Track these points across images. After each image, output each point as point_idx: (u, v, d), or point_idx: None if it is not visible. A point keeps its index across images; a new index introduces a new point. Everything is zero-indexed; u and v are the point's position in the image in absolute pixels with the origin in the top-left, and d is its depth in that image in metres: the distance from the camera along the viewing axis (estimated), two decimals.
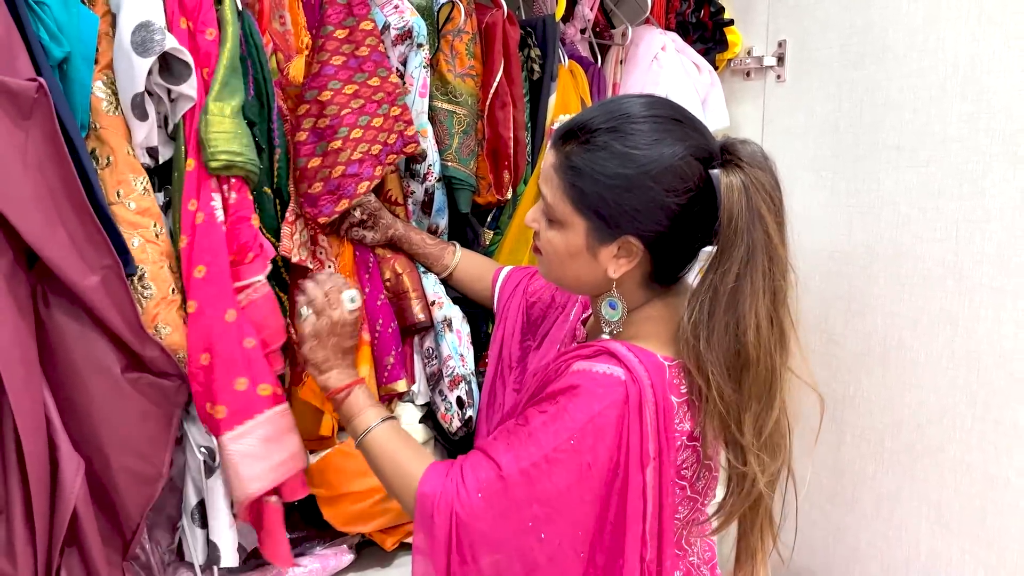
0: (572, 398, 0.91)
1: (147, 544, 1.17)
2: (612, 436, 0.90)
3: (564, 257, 0.98)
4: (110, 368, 1.05)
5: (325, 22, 1.21)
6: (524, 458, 0.90)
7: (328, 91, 1.19)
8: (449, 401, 1.32)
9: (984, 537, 1.25)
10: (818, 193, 1.52)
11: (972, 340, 1.26)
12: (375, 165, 1.22)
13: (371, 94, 1.21)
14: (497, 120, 1.39)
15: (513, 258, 1.49)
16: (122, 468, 1.08)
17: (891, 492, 1.40)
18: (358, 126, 1.20)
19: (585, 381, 0.91)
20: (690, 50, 1.69)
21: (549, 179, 0.96)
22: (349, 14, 1.21)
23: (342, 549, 1.39)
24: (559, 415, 0.91)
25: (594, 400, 0.90)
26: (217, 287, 1.09)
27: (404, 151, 1.24)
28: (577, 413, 0.90)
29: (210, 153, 1.08)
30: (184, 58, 1.07)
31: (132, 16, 1.04)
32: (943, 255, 1.29)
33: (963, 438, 1.27)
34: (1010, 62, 1.19)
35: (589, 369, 0.92)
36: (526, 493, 0.89)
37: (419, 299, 1.33)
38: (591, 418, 0.90)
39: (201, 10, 1.12)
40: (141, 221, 1.08)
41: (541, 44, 1.50)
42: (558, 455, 0.89)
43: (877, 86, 1.39)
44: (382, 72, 1.21)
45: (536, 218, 1.01)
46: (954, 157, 1.27)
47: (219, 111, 1.09)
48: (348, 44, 1.21)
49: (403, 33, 1.25)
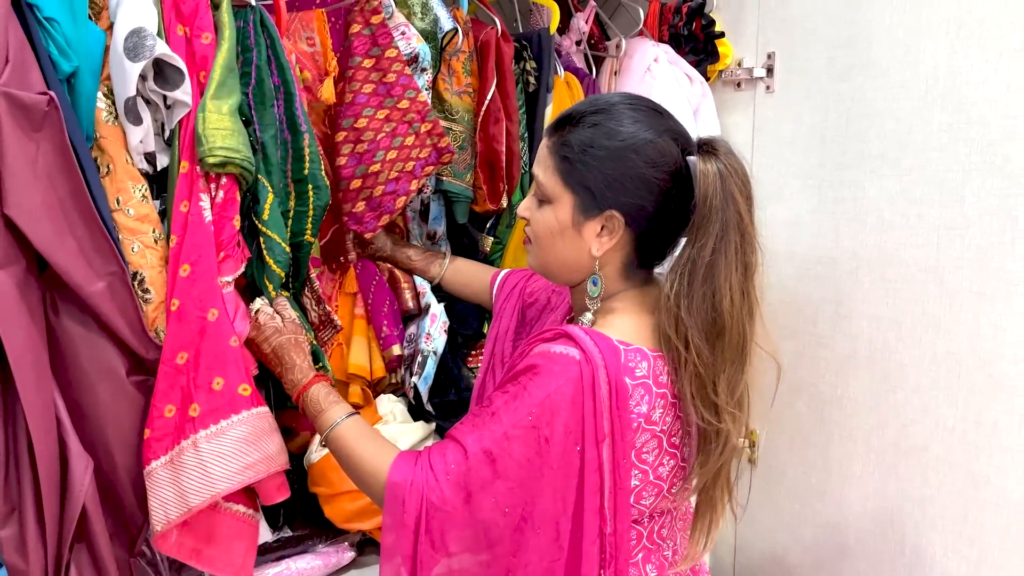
0: (532, 377, 0.97)
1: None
2: (568, 412, 0.95)
3: (553, 236, 1.05)
4: (116, 371, 1.08)
5: (353, 53, 1.29)
6: (486, 437, 0.95)
7: (363, 118, 1.30)
8: (409, 372, 1.40)
9: (966, 533, 1.29)
10: (806, 200, 1.56)
11: (953, 342, 1.29)
12: (411, 180, 1.34)
13: (401, 116, 1.31)
14: (491, 134, 1.44)
15: (516, 264, 1.54)
16: (127, 467, 1.11)
17: (877, 490, 1.43)
18: (392, 148, 1.31)
19: (544, 361, 0.97)
20: (682, 62, 1.73)
21: (542, 161, 1.05)
22: (374, 44, 1.30)
23: (343, 547, 1.42)
24: (519, 394, 0.96)
25: (551, 378, 0.96)
26: (201, 286, 1.10)
27: (441, 161, 1.35)
28: (535, 391, 0.96)
29: (208, 149, 1.10)
30: (176, 64, 1.10)
31: (126, 23, 1.07)
32: (925, 260, 1.33)
33: (945, 438, 1.31)
34: (987, 74, 1.23)
35: (548, 350, 0.98)
36: (490, 470, 0.94)
37: (410, 290, 1.43)
38: (548, 395, 0.95)
39: (197, 15, 1.15)
40: (140, 227, 1.11)
41: (536, 57, 1.54)
42: (516, 431, 0.94)
43: (862, 97, 1.43)
44: (410, 94, 1.31)
45: (527, 206, 1.08)
46: (935, 166, 1.31)
47: (216, 109, 1.11)
48: (376, 72, 1.30)
49: (410, 58, 1.32)
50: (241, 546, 1.17)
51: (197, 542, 1.13)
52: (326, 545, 1.41)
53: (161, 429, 1.08)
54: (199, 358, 1.09)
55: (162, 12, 1.15)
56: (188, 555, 1.13)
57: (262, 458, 1.12)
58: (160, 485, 1.08)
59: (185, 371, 1.09)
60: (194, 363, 1.09)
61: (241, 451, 1.10)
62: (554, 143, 1.04)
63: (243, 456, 1.10)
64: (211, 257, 1.11)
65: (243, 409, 1.10)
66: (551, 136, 1.05)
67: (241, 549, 1.17)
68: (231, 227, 1.14)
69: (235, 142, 1.12)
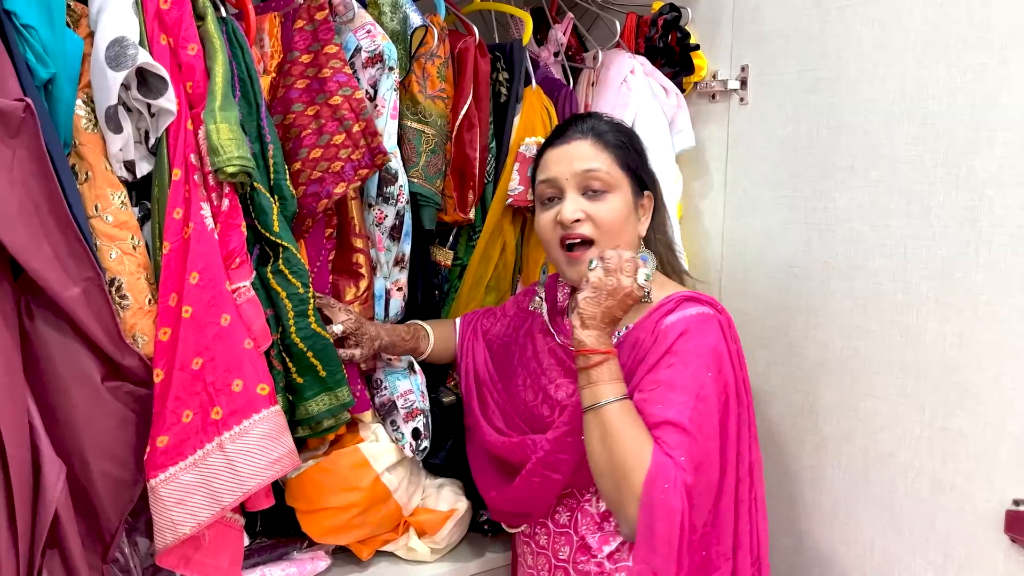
0: (687, 342, 1.13)
1: (126, 548, 1.20)
2: (726, 361, 1.15)
3: (623, 221, 1.22)
4: (91, 377, 1.09)
5: (292, 48, 1.26)
6: (683, 405, 1.09)
7: (292, 114, 1.25)
8: (402, 432, 1.38)
9: (933, 539, 1.31)
10: (779, 211, 1.58)
11: (920, 351, 1.32)
12: (337, 182, 1.26)
13: (332, 113, 1.25)
14: (464, 141, 1.45)
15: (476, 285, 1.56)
16: (102, 473, 1.11)
17: (847, 496, 1.45)
18: (317, 146, 1.26)
19: (688, 324, 1.14)
20: (658, 73, 1.76)
21: (592, 156, 1.22)
22: (315, 40, 1.27)
23: (319, 554, 1.42)
24: (686, 359, 1.12)
25: (705, 335, 1.14)
26: (212, 292, 1.13)
27: (375, 164, 1.28)
28: (700, 350, 1.13)
29: (225, 159, 1.12)
30: (159, 73, 1.11)
31: (108, 32, 1.09)
32: (893, 270, 1.36)
33: (912, 444, 1.33)
34: (952, 88, 1.26)
35: (683, 315, 1.15)
36: (698, 430, 1.09)
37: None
38: (711, 348, 1.14)
39: (182, 27, 1.17)
40: (118, 234, 1.12)
41: (508, 67, 1.56)
42: (705, 390, 1.11)
43: (832, 110, 1.46)
44: (345, 91, 1.26)
45: (578, 207, 1.21)
46: (902, 177, 1.34)
47: (225, 120, 1.14)
48: (312, 68, 1.26)
49: (374, 56, 1.30)
50: (227, 552, 1.19)
51: (187, 549, 1.15)
52: (301, 552, 1.41)
53: (180, 435, 1.11)
54: (215, 362, 1.12)
55: (144, 22, 1.16)
56: (177, 562, 1.15)
57: (287, 452, 1.16)
58: (185, 489, 1.11)
59: (201, 376, 1.12)
60: (211, 367, 1.12)
61: (267, 448, 1.14)
62: (595, 140, 1.24)
63: (269, 452, 1.14)
64: (218, 264, 1.14)
65: (263, 408, 1.14)
66: (581, 135, 1.24)
67: (228, 555, 1.19)
68: (240, 233, 1.18)
69: (245, 151, 1.15)
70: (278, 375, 1.21)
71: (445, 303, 1.61)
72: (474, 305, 1.58)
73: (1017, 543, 1.19)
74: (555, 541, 1.28)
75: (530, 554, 1.34)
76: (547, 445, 1.22)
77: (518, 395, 1.35)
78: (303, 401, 1.22)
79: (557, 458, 1.21)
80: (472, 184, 1.49)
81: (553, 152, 1.26)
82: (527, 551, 1.35)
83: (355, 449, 1.36)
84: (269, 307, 1.22)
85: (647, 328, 1.17)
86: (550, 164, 1.26)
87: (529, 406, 1.32)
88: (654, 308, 1.19)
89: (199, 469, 1.10)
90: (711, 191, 1.76)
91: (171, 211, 1.14)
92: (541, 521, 1.30)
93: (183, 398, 1.11)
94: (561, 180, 1.23)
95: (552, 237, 1.25)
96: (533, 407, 1.31)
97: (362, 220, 1.36)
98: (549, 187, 1.26)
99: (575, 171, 1.22)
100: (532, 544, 1.33)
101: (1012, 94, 1.18)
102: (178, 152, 1.15)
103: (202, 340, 1.11)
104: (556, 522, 1.28)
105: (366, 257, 1.36)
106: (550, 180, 1.25)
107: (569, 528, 1.26)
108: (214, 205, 1.17)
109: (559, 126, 1.33)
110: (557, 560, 1.27)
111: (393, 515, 1.43)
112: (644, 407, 1.11)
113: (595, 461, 1.12)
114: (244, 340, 1.14)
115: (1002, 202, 1.20)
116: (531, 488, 1.24)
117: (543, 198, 1.28)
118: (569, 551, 1.25)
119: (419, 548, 1.47)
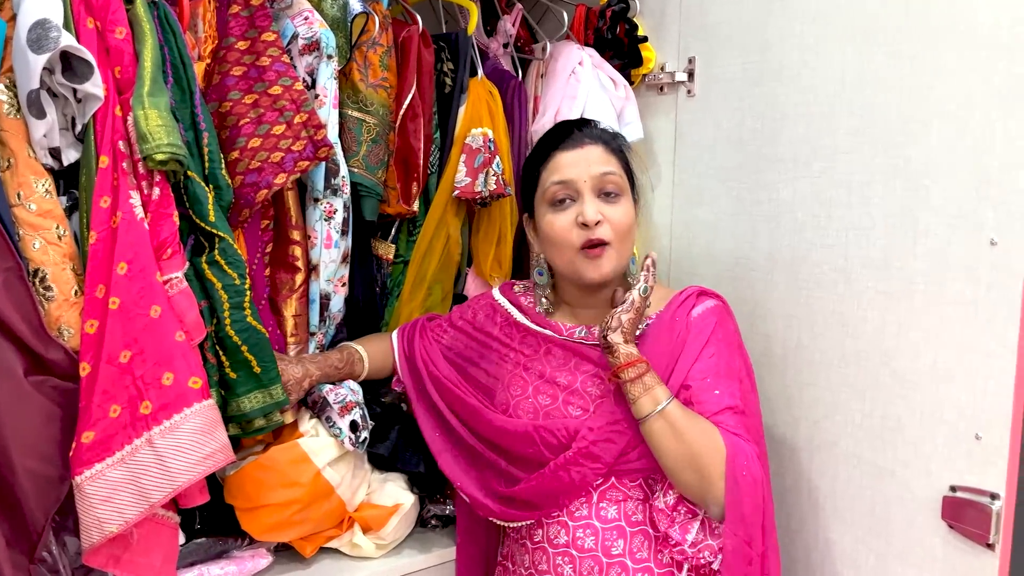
0: (720, 332, 1.26)
1: (54, 547, 1.17)
2: (743, 344, 1.32)
3: (632, 225, 1.30)
4: (13, 371, 1.05)
5: (228, 34, 1.23)
6: (733, 390, 1.23)
7: (228, 102, 1.22)
8: (339, 427, 1.35)
9: (874, 526, 1.32)
10: (725, 202, 1.59)
11: (860, 340, 1.33)
12: (277, 172, 1.23)
13: (271, 103, 1.23)
14: (408, 131, 1.43)
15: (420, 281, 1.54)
16: (27, 471, 1.08)
17: (791, 486, 1.46)
18: (256, 135, 1.23)
19: (714, 315, 1.28)
20: (607, 65, 1.75)
21: (606, 160, 1.30)
22: (251, 26, 1.24)
23: (260, 552, 1.39)
24: (722, 349, 1.25)
25: (728, 324, 1.30)
26: (141, 283, 1.09)
27: (317, 156, 1.26)
28: (731, 338, 1.28)
29: (154, 146, 1.09)
30: (85, 57, 1.08)
31: (30, 14, 1.05)
32: (834, 260, 1.37)
33: (853, 432, 1.35)
34: (889, 79, 1.27)
35: (707, 308, 1.29)
36: (748, 408, 1.24)
37: (299, 343, 1.40)
38: (737, 336, 1.31)
39: (109, 9, 1.14)
40: (43, 223, 1.08)
41: (453, 57, 1.55)
42: (742, 373, 1.27)
43: (775, 101, 1.47)
44: (285, 81, 1.23)
45: (597, 210, 1.26)
46: (843, 168, 1.35)
47: (154, 105, 1.11)
48: (249, 55, 1.23)
49: (311, 44, 1.27)
50: (160, 550, 1.16)
51: (115, 548, 1.11)
52: (242, 550, 1.38)
53: (107, 430, 1.07)
54: (144, 355, 1.09)
55: (70, 4, 1.13)
56: (105, 561, 1.11)
57: (220, 447, 1.13)
58: (112, 486, 1.07)
59: (130, 369, 1.08)
60: (139, 360, 1.08)
61: (199, 442, 1.11)
62: (607, 142, 1.32)
63: (201, 447, 1.11)
64: (148, 254, 1.11)
65: (195, 402, 1.11)
66: (598, 139, 1.31)
67: (160, 553, 1.16)
68: (171, 223, 1.15)
69: (176, 138, 1.12)
70: (212, 369, 1.18)
71: (388, 300, 1.58)
72: (419, 300, 1.55)
73: (954, 529, 1.20)
74: (605, 538, 1.25)
75: (536, 550, 1.31)
76: (590, 435, 1.23)
77: (522, 403, 1.33)
78: (236, 397, 1.19)
79: (600, 447, 1.22)
80: (416, 175, 1.47)
81: (567, 155, 1.30)
82: (526, 549, 1.32)
83: (294, 444, 1.33)
84: (204, 299, 1.19)
85: (679, 321, 1.27)
86: (564, 166, 1.29)
87: (547, 409, 1.30)
88: (676, 304, 1.29)
89: (127, 465, 1.07)
90: (660, 183, 1.76)
91: (98, 199, 1.11)
92: (559, 518, 1.28)
93: (110, 392, 1.08)
94: (579, 182, 1.28)
95: (571, 239, 1.28)
96: (553, 410, 1.30)
97: (299, 212, 1.34)
98: (565, 189, 1.29)
99: (593, 174, 1.28)
100: (546, 542, 1.29)
101: (946, 84, 1.19)
102: (105, 139, 1.11)
103: (130, 332, 1.08)
104: (602, 518, 1.25)
105: (303, 250, 1.33)
106: (567, 182, 1.29)
107: (620, 521, 1.25)
108: (144, 194, 1.13)
109: (562, 129, 1.36)
110: (610, 557, 1.24)
111: (336, 511, 1.41)
112: (701, 396, 1.21)
113: (673, 458, 1.17)
114: (175, 332, 1.11)
115: (938, 192, 1.21)
116: (560, 481, 1.23)
117: (554, 199, 1.30)
118: (624, 544, 1.24)
119: (364, 544, 1.45)
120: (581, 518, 1.26)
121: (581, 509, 1.26)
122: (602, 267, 1.27)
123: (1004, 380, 1.13)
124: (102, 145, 1.12)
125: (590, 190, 1.28)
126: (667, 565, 1.24)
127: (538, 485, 1.26)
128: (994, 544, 1.14)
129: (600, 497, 1.26)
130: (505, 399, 1.35)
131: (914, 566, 1.26)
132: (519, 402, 1.33)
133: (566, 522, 1.27)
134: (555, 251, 1.32)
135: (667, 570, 1.24)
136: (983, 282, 1.15)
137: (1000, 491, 1.14)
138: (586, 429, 1.23)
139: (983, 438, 1.16)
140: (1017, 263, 1.11)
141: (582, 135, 1.31)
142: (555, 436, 1.26)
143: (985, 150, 1.15)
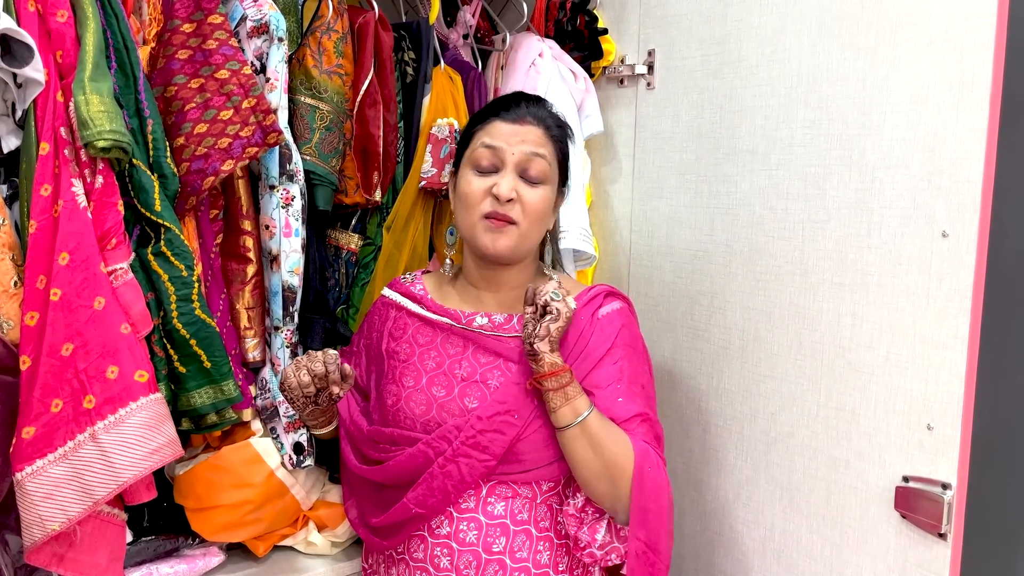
0: (625, 336, 1.28)
1: None
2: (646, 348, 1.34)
3: (545, 214, 1.28)
4: None
5: (173, 16, 1.19)
6: (639, 396, 1.25)
7: (173, 86, 1.18)
8: (281, 442, 1.32)
9: (829, 516, 1.33)
10: (684, 195, 1.59)
11: (816, 332, 1.34)
12: (224, 159, 1.20)
13: (218, 87, 1.19)
14: (367, 118, 1.40)
15: (390, 269, 1.51)
16: None
17: (749, 477, 1.47)
18: (203, 120, 1.19)
19: (620, 318, 1.30)
20: (567, 57, 1.74)
21: (541, 144, 1.27)
22: (197, 8, 1.20)
23: (211, 550, 1.37)
24: (629, 354, 1.27)
25: (634, 327, 1.32)
26: (83, 274, 1.06)
27: (267, 142, 1.23)
28: (636, 342, 1.31)
29: (95, 132, 1.06)
30: (25, 40, 1.04)
31: None
32: (791, 252, 1.37)
33: (809, 424, 1.35)
34: (845, 72, 1.28)
35: (613, 309, 1.30)
36: (654, 413, 1.27)
37: (255, 337, 1.34)
38: (641, 339, 1.33)
39: None
40: None
41: (415, 46, 1.52)
42: (647, 378, 1.30)
43: (734, 94, 1.47)
44: (233, 65, 1.20)
45: (512, 187, 1.24)
46: (799, 161, 1.35)
47: (96, 91, 1.07)
48: (195, 38, 1.20)
49: (260, 26, 1.24)
50: (106, 548, 1.12)
51: (58, 546, 1.08)
52: (193, 548, 1.35)
53: (48, 425, 1.04)
54: (88, 348, 1.05)
55: None
56: (48, 560, 1.08)
57: (168, 442, 1.10)
58: (54, 483, 1.04)
59: (72, 362, 1.04)
60: (82, 353, 1.05)
61: (145, 437, 1.07)
62: (547, 127, 1.29)
63: (147, 442, 1.07)
64: (90, 243, 1.07)
65: (141, 395, 1.07)
66: (540, 122, 1.28)
67: (106, 551, 1.12)
68: (116, 212, 1.11)
69: (119, 125, 1.08)
70: (160, 362, 1.15)
71: (355, 285, 1.54)
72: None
73: (907, 519, 1.21)
74: (487, 534, 1.22)
75: (414, 538, 1.26)
76: (478, 424, 1.20)
77: (414, 396, 1.27)
78: (185, 392, 1.16)
79: (488, 437, 1.20)
80: (377, 164, 1.44)
81: (505, 125, 1.27)
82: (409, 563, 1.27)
83: (246, 444, 1.31)
84: (150, 291, 1.15)
85: (584, 319, 1.26)
86: (498, 134, 1.27)
87: (442, 401, 1.25)
88: (583, 301, 1.28)
89: (69, 461, 1.04)
90: (620, 176, 1.76)
91: (39, 188, 1.07)
92: (444, 523, 1.24)
93: (52, 386, 1.04)
94: (506, 153, 1.26)
95: (478, 205, 1.25)
96: (448, 402, 1.25)
97: (250, 202, 1.31)
98: (492, 154, 1.26)
99: (523, 151, 1.26)
100: (426, 530, 1.25)
101: (900, 77, 1.20)
102: (46, 125, 1.08)
103: (73, 325, 1.05)
104: (488, 513, 1.23)
105: (254, 240, 1.30)
106: (496, 148, 1.26)
107: (506, 519, 1.23)
108: (87, 182, 1.10)
109: (511, 98, 1.33)
110: (490, 554, 1.22)
111: (290, 510, 1.38)
112: (609, 403, 1.22)
113: (589, 468, 1.18)
114: (120, 325, 1.08)
115: (891, 184, 1.22)
116: (449, 477, 1.20)
117: (479, 162, 1.27)
118: (506, 542, 1.22)
119: (319, 542, 1.43)
120: (467, 511, 1.23)
121: (468, 502, 1.23)
122: (498, 241, 1.24)
123: (955, 371, 1.15)
124: (43, 131, 1.08)
125: (513, 166, 1.25)
126: (544, 566, 1.25)
127: (427, 485, 1.20)
128: (946, 534, 1.15)
129: (489, 492, 1.24)
130: (396, 392, 1.28)
131: (868, 556, 1.27)
132: (411, 394, 1.27)
133: (451, 512, 1.23)
134: (463, 212, 1.28)
135: (543, 570, 1.25)
136: (935, 274, 1.17)
137: (952, 481, 1.15)
138: (475, 418, 1.21)
139: (935, 428, 1.17)
140: (968, 255, 1.13)
141: (526, 111, 1.29)
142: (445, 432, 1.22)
143: (937, 143, 1.16)
